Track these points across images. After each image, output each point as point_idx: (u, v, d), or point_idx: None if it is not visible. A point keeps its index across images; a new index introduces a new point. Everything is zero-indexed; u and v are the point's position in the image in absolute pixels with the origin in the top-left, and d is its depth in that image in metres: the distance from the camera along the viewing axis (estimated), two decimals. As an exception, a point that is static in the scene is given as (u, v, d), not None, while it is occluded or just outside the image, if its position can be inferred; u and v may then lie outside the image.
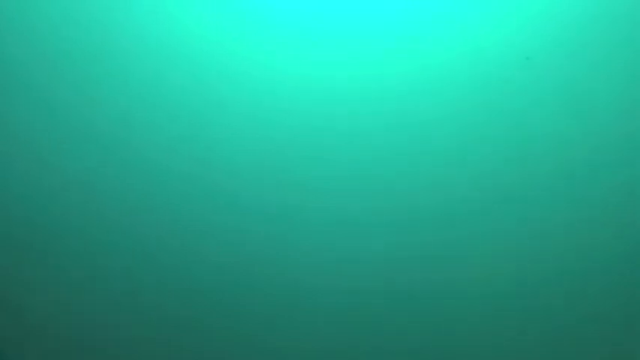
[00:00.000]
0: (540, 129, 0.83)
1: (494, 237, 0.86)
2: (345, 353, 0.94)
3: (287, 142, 0.84)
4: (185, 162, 0.75)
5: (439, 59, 0.87)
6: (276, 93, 0.78)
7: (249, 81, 0.78)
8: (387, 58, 0.88)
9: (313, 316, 0.94)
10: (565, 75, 0.83)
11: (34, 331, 0.71)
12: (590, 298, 0.82)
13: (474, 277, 0.84)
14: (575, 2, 0.83)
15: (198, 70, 0.77)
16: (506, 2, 0.88)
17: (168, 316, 0.73)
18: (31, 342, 0.73)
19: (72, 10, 0.75)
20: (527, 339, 0.82)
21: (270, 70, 0.80)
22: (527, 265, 0.84)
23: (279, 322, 0.87)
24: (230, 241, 0.78)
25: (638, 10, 0.82)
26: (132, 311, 0.70)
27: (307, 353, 0.89)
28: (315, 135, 0.91)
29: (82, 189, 0.70)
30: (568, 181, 0.86)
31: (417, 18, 0.92)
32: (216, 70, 0.78)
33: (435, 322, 0.88)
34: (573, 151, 0.85)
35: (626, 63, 0.81)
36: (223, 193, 0.79)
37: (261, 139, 0.84)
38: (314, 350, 0.91)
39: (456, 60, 0.87)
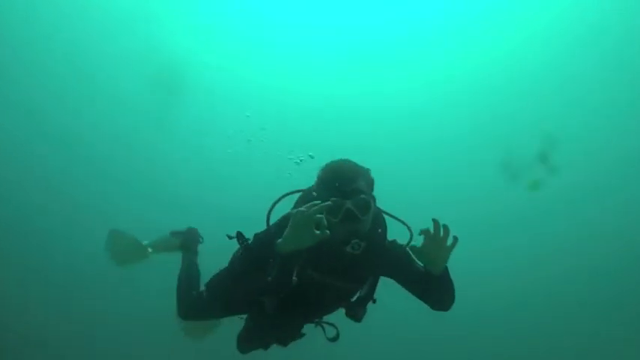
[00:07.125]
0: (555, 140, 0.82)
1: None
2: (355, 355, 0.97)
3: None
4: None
5: (452, 74, 0.84)
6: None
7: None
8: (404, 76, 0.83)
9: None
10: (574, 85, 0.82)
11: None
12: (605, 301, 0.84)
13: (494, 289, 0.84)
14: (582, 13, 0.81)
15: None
16: (513, 18, 0.85)
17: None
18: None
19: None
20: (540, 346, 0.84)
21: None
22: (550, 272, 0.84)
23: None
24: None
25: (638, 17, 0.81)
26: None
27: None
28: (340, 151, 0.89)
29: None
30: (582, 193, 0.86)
31: (427, 35, 0.88)
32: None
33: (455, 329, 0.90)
34: (585, 162, 0.85)
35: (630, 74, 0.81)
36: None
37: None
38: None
39: (467, 75, 0.83)
